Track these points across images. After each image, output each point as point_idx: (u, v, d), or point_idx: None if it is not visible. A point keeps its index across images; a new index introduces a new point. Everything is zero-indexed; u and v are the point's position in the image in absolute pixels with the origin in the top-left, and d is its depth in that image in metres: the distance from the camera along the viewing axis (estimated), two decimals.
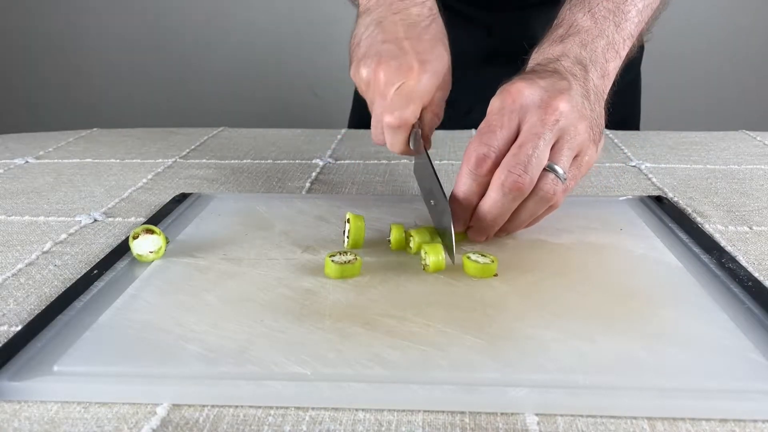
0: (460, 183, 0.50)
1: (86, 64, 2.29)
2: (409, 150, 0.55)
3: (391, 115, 0.52)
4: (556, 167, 0.48)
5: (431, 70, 0.53)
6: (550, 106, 0.48)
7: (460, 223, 0.51)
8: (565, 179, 0.49)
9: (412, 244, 0.51)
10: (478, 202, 0.50)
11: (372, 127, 0.57)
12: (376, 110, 0.55)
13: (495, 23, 0.92)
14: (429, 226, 0.53)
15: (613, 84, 0.57)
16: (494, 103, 0.50)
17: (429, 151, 0.55)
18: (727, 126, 0.99)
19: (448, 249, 0.49)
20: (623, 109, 0.58)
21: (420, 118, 0.54)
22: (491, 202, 0.49)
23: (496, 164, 0.49)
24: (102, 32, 2.25)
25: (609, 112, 0.56)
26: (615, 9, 0.58)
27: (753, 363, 0.37)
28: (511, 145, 0.49)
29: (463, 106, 0.97)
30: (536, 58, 0.56)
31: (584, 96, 0.51)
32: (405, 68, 0.52)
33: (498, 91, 0.51)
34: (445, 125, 0.91)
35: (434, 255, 0.47)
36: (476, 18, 0.92)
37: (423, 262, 0.48)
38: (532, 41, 0.58)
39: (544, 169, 0.48)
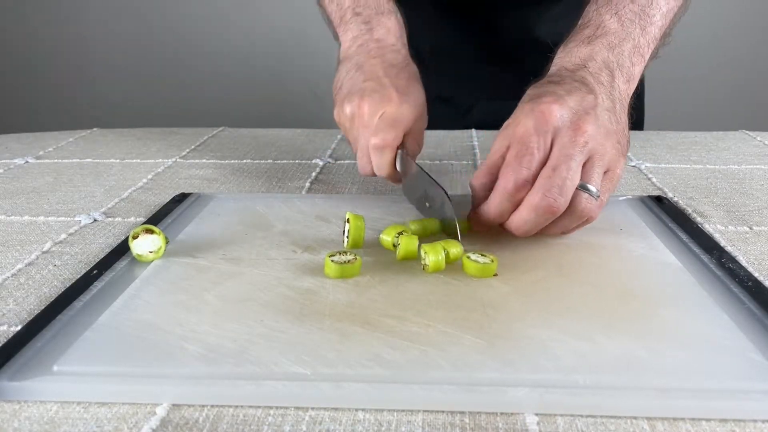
0: (494, 204, 0.50)
1: (86, 64, 2.29)
2: (395, 173, 0.58)
3: (376, 137, 0.56)
4: (589, 186, 0.49)
5: (410, 101, 0.58)
6: (579, 129, 0.49)
7: (484, 229, 0.52)
8: (597, 196, 0.50)
9: (427, 261, 0.48)
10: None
11: (358, 159, 0.60)
12: (361, 141, 0.58)
13: (494, 22, 0.93)
14: (438, 242, 0.50)
15: (636, 88, 0.57)
16: (527, 123, 0.49)
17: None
18: (727, 126, 0.99)
19: (453, 236, 0.51)
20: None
21: (403, 145, 0.58)
22: (522, 221, 0.49)
23: (531, 185, 0.49)
24: (102, 32, 2.25)
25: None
26: (641, 12, 0.58)
27: (753, 363, 0.37)
28: (544, 164, 0.49)
29: (463, 105, 0.97)
30: (563, 58, 0.56)
31: (610, 109, 0.52)
32: (386, 98, 0.57)
33: (529, 106, 0.50)
34: (445, 125, 0.90)
35: (434, 255, 0.47)
36: (475, 16, 0.92)
37: (423, 262, 0.48)
38: (531, 40, 0.59)
39: (577, 188, 0.49)
